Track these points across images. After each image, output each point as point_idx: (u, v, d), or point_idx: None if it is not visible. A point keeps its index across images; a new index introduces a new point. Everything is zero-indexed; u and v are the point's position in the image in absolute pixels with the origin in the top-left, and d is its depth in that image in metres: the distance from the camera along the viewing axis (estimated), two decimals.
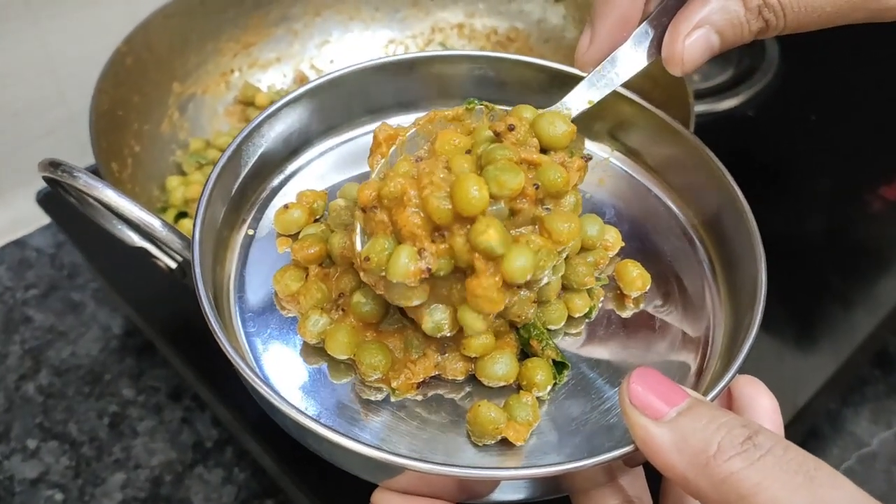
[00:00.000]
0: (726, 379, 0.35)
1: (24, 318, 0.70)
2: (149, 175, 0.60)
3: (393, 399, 0.37)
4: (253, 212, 0.43)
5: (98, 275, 0.65)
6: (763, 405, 0.38)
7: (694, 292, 0.42)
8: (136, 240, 0.46)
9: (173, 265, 0.46)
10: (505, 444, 0.36)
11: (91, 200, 0.42)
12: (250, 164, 0.42)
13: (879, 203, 0.70)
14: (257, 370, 0.36)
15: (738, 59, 0.81)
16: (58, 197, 0.43)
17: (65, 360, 0.68)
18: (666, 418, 0.31)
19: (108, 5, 0.69)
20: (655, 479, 0.36)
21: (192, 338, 0.59)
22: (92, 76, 0.57)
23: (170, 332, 0.61)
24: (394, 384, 0.36)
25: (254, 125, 0.41)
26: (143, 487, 0.60)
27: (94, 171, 0.54)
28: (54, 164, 0.40)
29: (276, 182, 0.45)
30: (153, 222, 0.41)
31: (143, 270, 0.52)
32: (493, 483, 0.33)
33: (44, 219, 0.71)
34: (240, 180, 0.42)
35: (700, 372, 0.39)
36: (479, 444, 0.36)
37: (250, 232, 0.43)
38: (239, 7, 0.65)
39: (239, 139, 0.40)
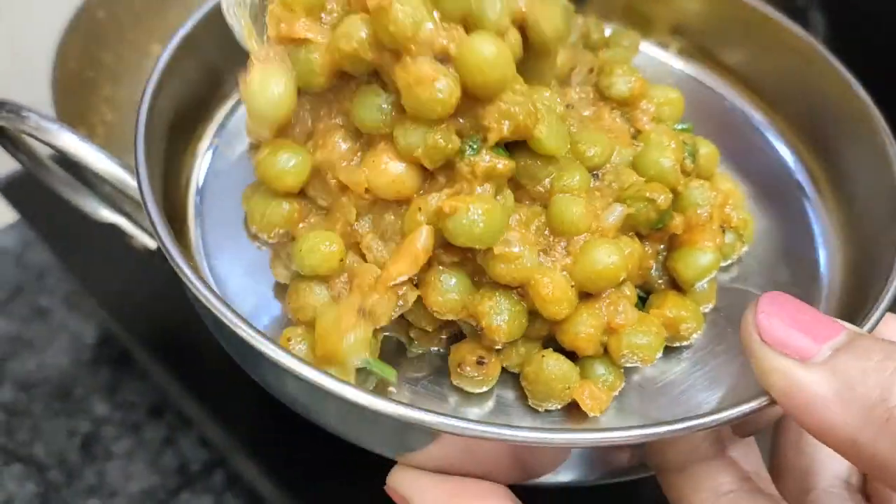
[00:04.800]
0: (882, 305, 0.29)
1: None
2: (124, 148, 0.51)
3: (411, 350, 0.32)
4: (221, 116, 0.39)
5: (70, 275, 0.62)
6: None
7: (796, 220, 0.38)
8: (104, 214, 0.39)
9: (153, 245, 0.40)
10: (572, 410, 0.30)
11: (44, 158, 0.38)
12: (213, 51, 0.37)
13: None
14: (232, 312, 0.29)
15: None
16: (24, 185, 0.35)
17: (31, 372, 0.63)
18: (818, 358, 0.24)
19: None
20: None
21: (176, 346, 0.56)
22: (55, 28, 0.52)
23: (151, 339, 0.56)
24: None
25: None
26: None
27: None
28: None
29: None
30: (124, 176, 0.35)
31: (121, 271, 0.50)
32: (562, 453, 0.27)
33: (8, 215, 0.66)
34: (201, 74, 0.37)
35: None
36: (540, 408, 0.31)
37: (215, 141, 0.39)
38: None
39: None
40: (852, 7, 0.76)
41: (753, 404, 0.26)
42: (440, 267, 0.30)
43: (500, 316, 0.29)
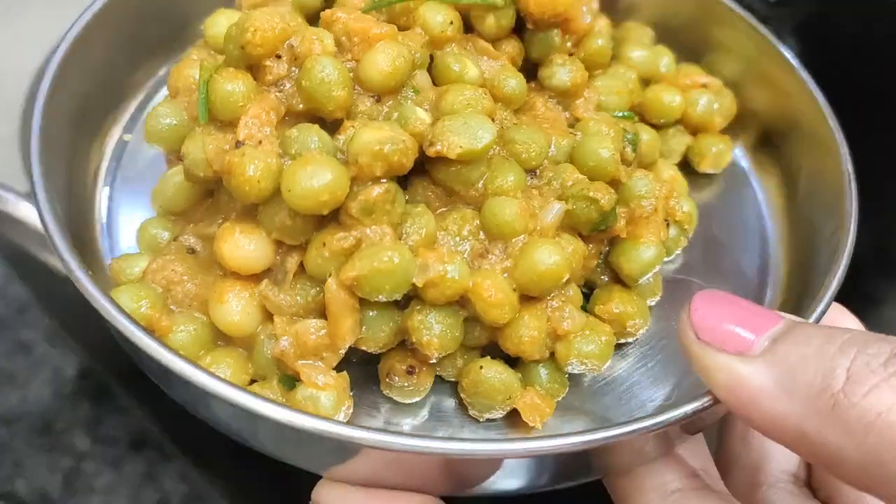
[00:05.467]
0: (827, 296, 0.29)
1: None
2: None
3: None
4: (131, 109, 0.38)
5: (47, 313, 0.62)
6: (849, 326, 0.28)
7: (741, 208, 0.38)
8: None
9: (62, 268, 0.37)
10: (515, 418, 0.29)
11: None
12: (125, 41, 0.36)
13: None
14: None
15: None
16: None
17: (12, 407, 0.62)
18: (756, 350, 0.23)
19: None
20: None
21: (153, 383, 0.52)
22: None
23: (129, 376, 0.57)
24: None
25: None
26: None
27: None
28: None
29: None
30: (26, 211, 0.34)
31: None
32: (493, 464, 0.26)
33: None
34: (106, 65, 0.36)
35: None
36: (480, 418, 0.29)
37: (127, 138, 0.37)
38: None
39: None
40: (824, 32, 0.76)
41: (696, 405, 0.25)
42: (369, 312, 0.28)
43: (430, 331, 0.28)
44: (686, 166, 0.38)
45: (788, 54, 0.37)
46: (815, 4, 0.80)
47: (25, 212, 0.34)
